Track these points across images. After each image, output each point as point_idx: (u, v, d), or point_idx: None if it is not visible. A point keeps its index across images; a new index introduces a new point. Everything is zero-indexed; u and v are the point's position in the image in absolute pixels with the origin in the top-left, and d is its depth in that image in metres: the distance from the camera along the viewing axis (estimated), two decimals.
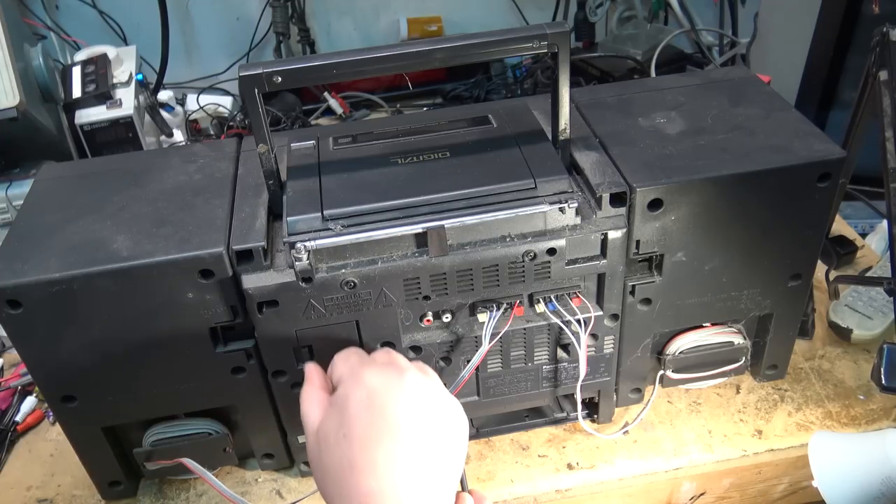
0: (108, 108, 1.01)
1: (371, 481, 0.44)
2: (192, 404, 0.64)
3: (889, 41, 0.66)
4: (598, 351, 0.65)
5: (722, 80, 0.71)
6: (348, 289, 0.56)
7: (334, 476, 0.46)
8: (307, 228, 0.56)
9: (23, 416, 0.77)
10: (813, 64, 1.29)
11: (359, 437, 0.46)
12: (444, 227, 0.55)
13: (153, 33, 1.20)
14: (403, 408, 0.47)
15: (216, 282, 0.55)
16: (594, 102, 0.69)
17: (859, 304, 0.80)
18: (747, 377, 0.76)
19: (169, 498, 0.69)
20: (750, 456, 0.69)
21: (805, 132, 0.62)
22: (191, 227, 0.57)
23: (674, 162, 0.59)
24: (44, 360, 0.58)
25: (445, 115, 0.69)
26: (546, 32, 0.54)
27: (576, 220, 0.57)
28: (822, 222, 0.63)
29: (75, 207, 0.60)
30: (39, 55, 0.97)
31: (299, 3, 1.31)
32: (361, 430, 0.46)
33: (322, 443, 0.48)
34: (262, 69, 0.53)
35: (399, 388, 0.48)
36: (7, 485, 0.72)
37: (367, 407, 0.47)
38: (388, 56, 0.54)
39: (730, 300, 0.66)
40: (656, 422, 0.73)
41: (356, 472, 0.45)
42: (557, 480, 0.68)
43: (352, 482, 0.45)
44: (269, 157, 0.57)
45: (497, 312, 0.60)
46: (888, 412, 0.72)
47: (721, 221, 0.60)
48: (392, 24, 1.38)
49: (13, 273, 0.54)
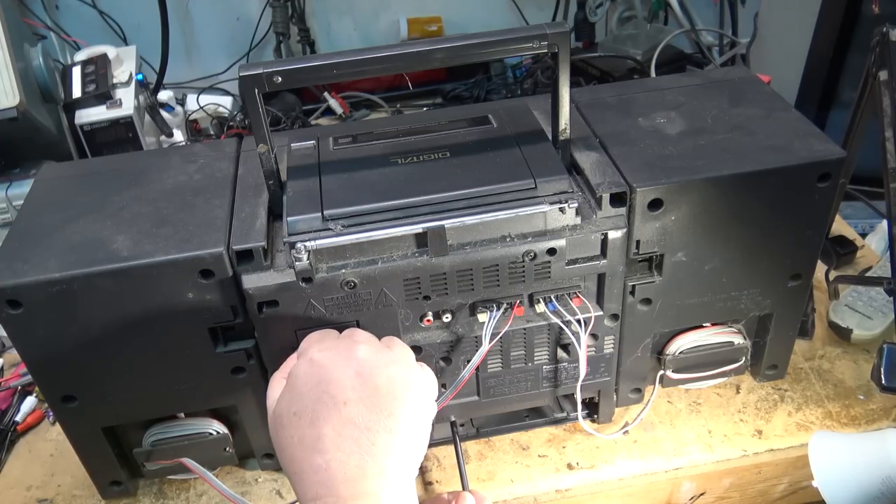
0: (108, 108, 1.01)
1: (318, 457, 0.44)
2: (192, 404, 0.64)
3: (889, 41, 0.66)
4: (598, 351, 0.65)
5: (722, 80, 0.71)
6: (348, 289, 0.56)
7: (289, 454, 0.46)
8: (307, 228, 0.56)
9: (23, 416, 0.77)
10: (813, 64, 1.29)
11: (307, 413, 0.46)
12: (444, 227, 0.55)
13: (153, 33, 1.20)
14: (348, 382, 0.47)
15: (216, 282, 0.55)
16: (594, 102, 0.69)
17: (859, 304, 0.80)
18: (747, 377, 0.76)
19: (169, 498, 0.69)
20: (750, 456, 0.69)
21: (805, 132, 0.62)
22: (191, 227, 0.57)
23: (674, 162, 0.59)
24: (44, 360, 0.58)
25: (445, 115, 0.69)
26: (546, 32, 0.54)
27: (576, 220, 0.58)
28: (822, 222, 0.63)
29: (75, 207, 0.60)
30: (39, 55, 0.97)
31: (299, 3, 1.31)
32: (308, 405, 0.46)
33: (276, 421, 0.48)
34: (262, 69, 0.53)
35: (344, 362, 0.48)
36: (7, 485, 0.72)
37: (314, 383, 0.47)
38: (388, 56, 0.54)
39: (730, 300, 0.66)
40: (656, 422, 0.73)
41: (305, 448, 0.45)
42: (557, 480, 0.68)
43: (303, 459, 0.45)
44: (269, 157, 0.57)
45: (497, 312, 0.60)
46: (888, 412, 0.72)
47: (721, 221, 0.60)
48: (392, 24, 1.38)
49: (13, 273, 0.54)
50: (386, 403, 0.47)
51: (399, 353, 0.52)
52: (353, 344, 0.50)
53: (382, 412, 0.46)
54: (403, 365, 0.51)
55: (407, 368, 0.51)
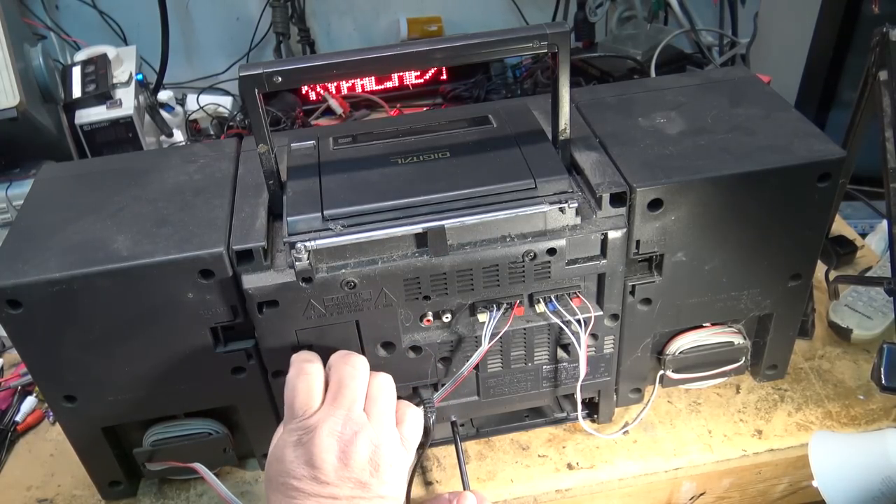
0: (108, 108, 1.01)
1: None
2: (192, 404, 0.64)
3: (889, 41, 0.66)
4: (598, 351, 0.65)
5: (722, 80, 0.71)
6: (348, 289, 0.56)
7: None
8: (307, 228, 0.56)
9: (23, 416, 0.77)
10: (813, 64, 1.29)
11: (294, 487, 0.50)
12: (444, 227, 0.55)
13: (153, 33, 1.20)
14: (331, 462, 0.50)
15: (216, 282, 0.55)
16: (594, 102, 0.69)
17: (859, 304, 0.80)
18: (747, 377, 0.76)
19: (169, 498, 0.69)
20: (750, 456, 0.69)
21: (805, 132, 0.62)
22: (191, 227, 0.57)
23: (674, 162, 0.59)
24: (44, 360, 0.58)
25: (445, 115, 0.69)
26: (546, 32, 0.54)
27: (576, 220, 0.58)
28: (822, 222, 0.63)
29: (75, 207, 0.60)
30: (39, 55, 0.97)
31: (299, 3, 1.31)
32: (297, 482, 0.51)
33: (269, 484, 0.53)
34: (262, 69, 0.53)
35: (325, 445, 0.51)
36: (7, 485, 0.72)
37: (299, 464, 0.51)
38: (388, 56, 0.54)
39: (730, 300, 0.66)
40: (656, 422, 0.73)
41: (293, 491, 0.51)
42: (557, 480, 0.68)
43: None
44: (269, 157, 0.57)
45: (497, 312, 0.60)
46: (888, 412, 0.72)
47: (721, 221, 0.60)
48: (392, 24, 1.38)
49: (13, 273, 0.54)
50: (369, 478, 0.51)
51: (387, 422, 0.54)
52: (337, 422, 0.52)
53: (369, 487, 0.51)
54: (391, 438, 0.54)
55: (394, 440, 0.54)
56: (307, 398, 0.53)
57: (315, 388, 0.53)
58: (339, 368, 0.54)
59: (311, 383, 0.54)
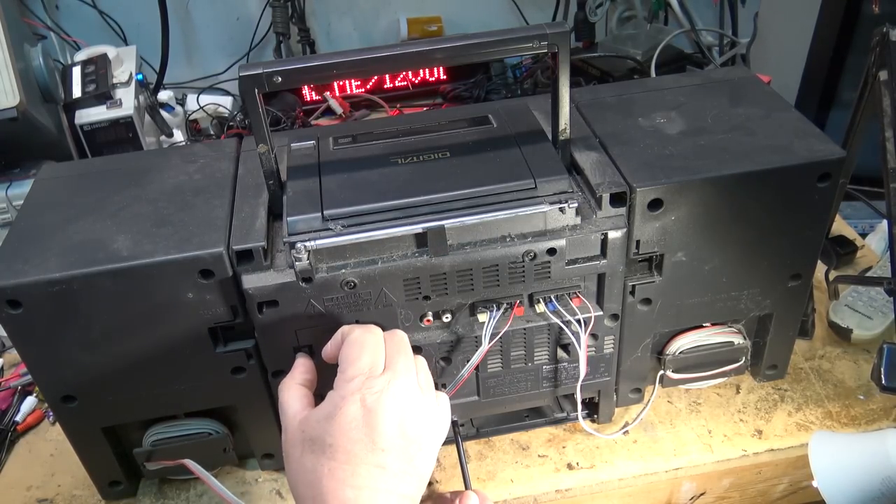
0: (108, 108, 1.01)
1: (349, 491, 0.46)
2: (192, 404, 0.64)
3: (889, 41, 0.66)
4: (598, 351, 0.65)
5: (722, 80, 0.71)
6: (348, 289, 0.56)
7: (311, 477, 0.48)
8: (307, 228, 0.56)
9: (23, 416, 0.77)
10: (813, 64, 1.30)
11: (344, 449, 0.47)
12: (444, 227, 0.55)
13: (153, 33, 1.20)
14: (391, 432, 0.48)
15: (216, 282, 0.55)
16: (594, 102, 0.69)
17: (859, 304, 0.80)
18: (747, 377, 0.76)
19: (169, 498, 0.69)
20: (750, 456, 0.69)
21: (805, 132, 0.62)
22: (191, 227, 0.57)
23: (674, 162, 0.59)
24: (44, 360, 0.58)
25: (445, 115, 0.69)
26: (546, 32, 0.54)
27: (576, 220, 0.58)
28: (822, 222, 0.63)
29: (75, 207, 0.60)
30: (39, 55, 0.97)
31: (299, 3, 1.31)
32: (347, 445, 0.48)
33: (305, 444, 0.49)
34: (262, 69, 0.53)
35: (390, 413, 0.49)
36: (7, 485, 0.72)
37: (358, 425, 0.48)
38: (388, 56, 0.54)
39: (730, 300, 0.66)
40: (656, 422, 0.73)
41: (336, 479, 0.47)
42: (557, 480, 0.68)
43: (329, 488, 0.47)
44: (269, 157, 0.57)
45: (497, 312, 0.60)
46: (888, 412, 0.72)
47: (721, 221, 0.60)
48: (392, 24, 1.38)
49: (13, 273, 0.54)
50: (415, 453, 0.50)
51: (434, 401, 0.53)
52: (401, 390, 0.50)
53: (413, 461, 0.49)
54: (437, 417, 0.53)
55: (439, 420, 0.53)
56: (374, 356, 0.51)
57: (381, 349, 0.52)
58: (392, 338, 0.53)
59: (378, 343, 0.52)
